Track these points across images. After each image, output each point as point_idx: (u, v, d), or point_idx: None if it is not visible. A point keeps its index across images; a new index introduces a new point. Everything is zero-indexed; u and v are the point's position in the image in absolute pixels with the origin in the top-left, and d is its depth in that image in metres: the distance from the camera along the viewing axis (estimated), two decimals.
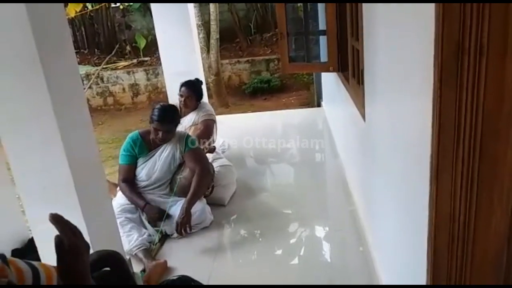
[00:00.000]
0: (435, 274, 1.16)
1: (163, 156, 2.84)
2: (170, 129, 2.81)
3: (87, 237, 1.89)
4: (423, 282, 1.25)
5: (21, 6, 1.52)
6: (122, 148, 2.87)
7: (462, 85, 0.97)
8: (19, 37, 1.58)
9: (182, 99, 3.56)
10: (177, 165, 2.88)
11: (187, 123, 3.55)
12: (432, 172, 1.09)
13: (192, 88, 3.60)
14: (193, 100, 3.60)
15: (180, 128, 3.02)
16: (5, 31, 1.59)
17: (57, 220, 0.83)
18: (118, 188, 2.89)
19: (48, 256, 1.63)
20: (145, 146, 2.85)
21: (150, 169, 2.82)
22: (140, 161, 2.84)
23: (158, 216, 2.69)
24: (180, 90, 3.60)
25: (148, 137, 2.84)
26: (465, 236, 1.08)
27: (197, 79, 3.70)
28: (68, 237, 0.83)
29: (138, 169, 2.84)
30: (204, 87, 4.14)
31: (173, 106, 3.00)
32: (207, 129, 3.51)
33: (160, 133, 2.76)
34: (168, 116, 2.80)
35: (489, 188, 1.02)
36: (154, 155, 2.84)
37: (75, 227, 0.87)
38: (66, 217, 1.87)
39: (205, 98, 4.04)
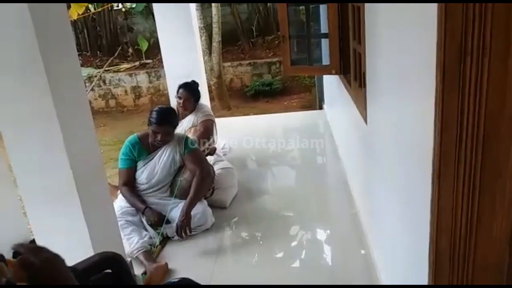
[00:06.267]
0: (437, 278, 1.16)
1: (163, 158, 2.83)
2: (169, 131, 2.80)
3: (88, 240, 1.90)
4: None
5: (24, 7, 1.53)
6: (121, 152, 2.86)
7: (464, 87, 0.97)
8: (22, 39, 1.58)
9: (181, 101, 3.57)
10: (178, 168, 2.88)
11: (186, 125, 3.55)
12: (434, 175, 1.08)
13: (190, 89, 3.61)
14: (191, 102, 3.61)
15: (180, 130, 3.01)
16: (8, 32, 1.59)
17: (18, 248, 0.84)
18: (118, 191, 2.89)
19: None
20: (144, 149, 2.84)
21: (150, 172, 2.82)
22: (139, 164, 2.84)
23: (158, 220, 2.68)
24: (178, 93, 3.60)
25: (146, 140, 2.83)
26: (467, 240, 1.08)
27: (193, 81, 3.70)
28: (36, 255, 0.83)
29: (138, 172, 2.84)
30: (205, 89, 4.14)
31: (171, 108, 3.00)
32: (207, 130, 3.52)
33: (159, 136, 2.76)
34: (166, 118, 2.79)
35: (491, 191, 1.02)
36: (153, 158, 2.84)
37: (40, 246, 0.88)
38: (68, 219, 1.87)
39: (204, 100, 4.04)
